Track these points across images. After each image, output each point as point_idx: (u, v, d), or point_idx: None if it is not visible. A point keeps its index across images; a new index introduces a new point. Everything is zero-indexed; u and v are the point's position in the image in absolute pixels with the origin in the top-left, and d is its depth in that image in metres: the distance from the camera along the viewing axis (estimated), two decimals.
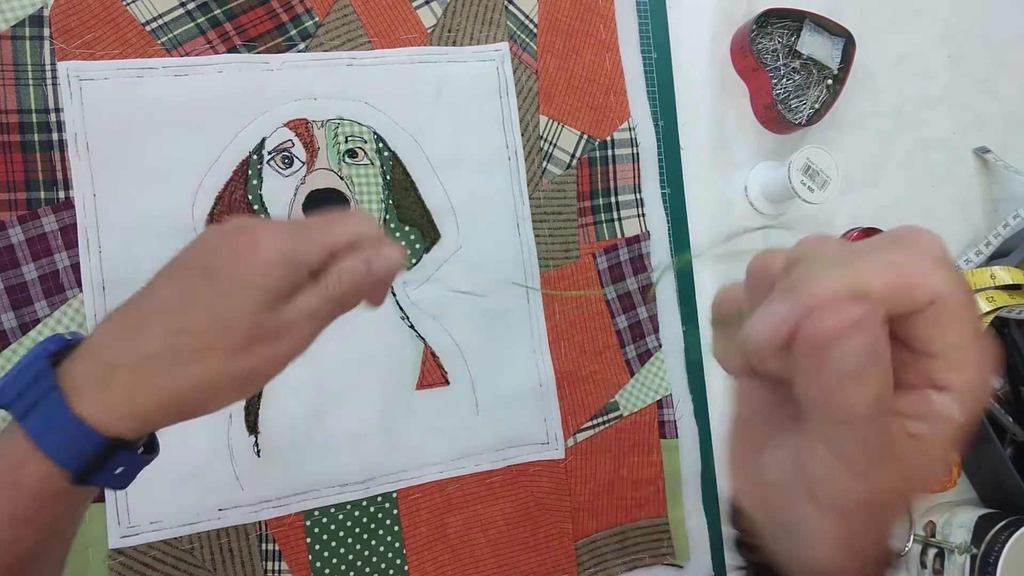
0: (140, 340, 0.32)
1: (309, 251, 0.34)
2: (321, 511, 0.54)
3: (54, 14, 0.51)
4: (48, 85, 0.50)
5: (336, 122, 0.56)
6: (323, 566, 0.53)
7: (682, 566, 0.61)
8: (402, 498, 0.55)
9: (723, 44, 0.67)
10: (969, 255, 0.71)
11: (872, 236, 0.25)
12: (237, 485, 0.52)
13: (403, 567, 0.55)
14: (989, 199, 0.75)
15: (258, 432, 0.53)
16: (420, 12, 0.59)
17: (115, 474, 0.33)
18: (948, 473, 0.67)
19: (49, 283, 0.50)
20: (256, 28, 0.55)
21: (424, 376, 0.57)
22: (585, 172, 0.62)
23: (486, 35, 0.60)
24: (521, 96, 0.61)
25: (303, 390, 0.54)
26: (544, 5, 0.61)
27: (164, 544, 0.50)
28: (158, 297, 0.33)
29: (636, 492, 0.61)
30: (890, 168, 0.72)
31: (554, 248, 0.60)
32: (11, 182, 0.50)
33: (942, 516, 0.68)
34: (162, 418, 0.33)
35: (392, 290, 0.56)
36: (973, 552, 0.63)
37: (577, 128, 0.62)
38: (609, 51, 0.63)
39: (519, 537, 0.58)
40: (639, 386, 0.62)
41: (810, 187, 0.62)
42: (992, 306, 0.63)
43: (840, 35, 0.67)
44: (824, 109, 0.67)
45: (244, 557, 0.52)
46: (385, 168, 0.56)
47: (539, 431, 0.59)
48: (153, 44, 0.53)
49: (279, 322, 0.33)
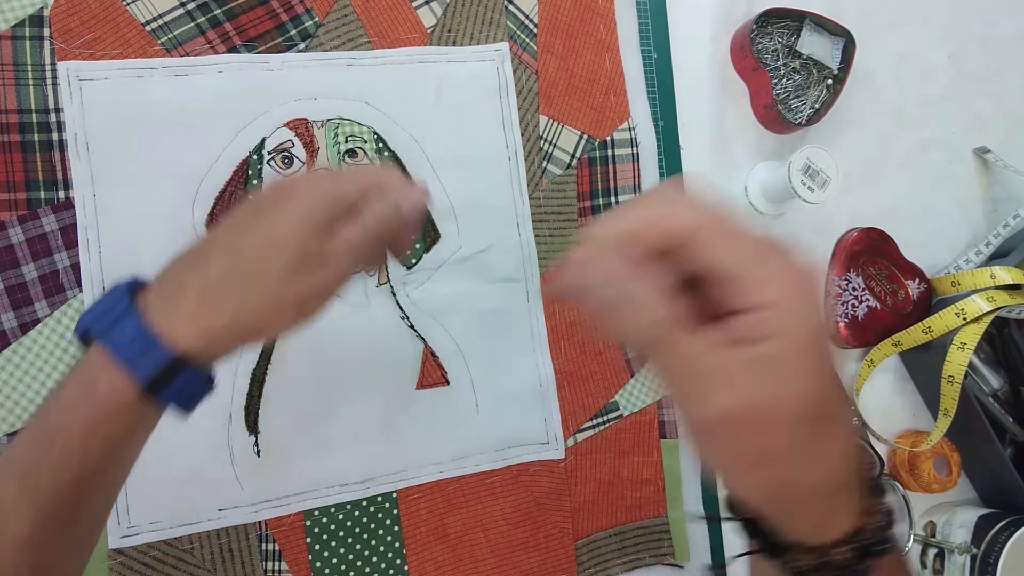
0: (204, 267, 0.35)
1: (345, 189, 0.38)
2: (321, 511, 0.54)
3: (54, 14, 0.51)
4: (48, 85, 0.50)
5: (336, 122, 0.56)
6: (323, 566, 0.53)
7: (682, 566, 0.61)
8: (402, 498, 0.55)
9: (723, 44, 0.67)
10: (969, 255, 0.71)
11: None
12: (237, 485, 0.52)
13: (403, 567, 0.55)
14: (989, 199, 0.75)
15: (258, 432, 0.53)
16: (420, 12, 0.59)
17: (180, 393, 0.35)
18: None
19: (49, 283, 0.50)
20: (256, 28, 0.55)
21: (424, 376, 0.57)
22: (585, 172, 0.62)
23: (486, 35, 0.60)
24: (521, 96, 0.61)
25: (303, 390, 0.54)
26: (544, 5, 0.62)
27: (164, 544, 0.50)
28: (216, 237, 0.37)
29: (636, 492, 0.61)
30: (890, 168, 0.72)
31: (554, 248, 0.61)
32: (11, 182, 0.50)
33: (942, 516, 0.68)
34: (227, 338, 0.36)
35: (392, 290, 0.56)
36: (973, 552, 0.63)
37: (577, 128, 0.62)
38: (609, 51, 0.63)
39: (519, 537, 0.58)
40: (639, 386, 0.62)
41: (810, 187, 0.62)
42: (992, 306, 0.63)
43: (840, 35, 0.67)
44: (824, 109, 0.67)
45: (244, 557, 0.52)
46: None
47: (539, 431, 0.59)
48: (153, 44, 0.53)
49: (324, 251, 0.36)
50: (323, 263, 0.37)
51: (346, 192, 0.38)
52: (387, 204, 0.39)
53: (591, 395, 0.61)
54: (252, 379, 0.53)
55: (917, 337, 0.66)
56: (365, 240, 0.38)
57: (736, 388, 0.27)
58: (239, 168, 0.53)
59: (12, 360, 0.49)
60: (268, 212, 0.37)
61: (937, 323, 0.65)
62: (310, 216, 0.36)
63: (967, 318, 0.64)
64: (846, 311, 0.68)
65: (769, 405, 0.28)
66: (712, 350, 0.28)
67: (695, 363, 0.28)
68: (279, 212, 0.37)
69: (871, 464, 0.31)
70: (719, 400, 0.28)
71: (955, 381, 0.63)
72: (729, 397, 0.28)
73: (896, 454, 0.69)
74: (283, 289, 0.36)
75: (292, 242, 0.36)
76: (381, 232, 0.39)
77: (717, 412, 0.28)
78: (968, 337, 0.63)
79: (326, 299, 0.38)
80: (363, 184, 0.39)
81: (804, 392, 0.28)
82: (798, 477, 0.29)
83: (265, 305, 0.36)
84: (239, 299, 0.35)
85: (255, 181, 0.54)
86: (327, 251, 0.37)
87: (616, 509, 0.60)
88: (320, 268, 0.37)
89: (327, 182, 0.38)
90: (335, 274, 0.37)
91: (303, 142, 0.55)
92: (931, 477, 0.66)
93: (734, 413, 0.28)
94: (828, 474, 0.30)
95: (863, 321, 0.68)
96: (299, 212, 0.36)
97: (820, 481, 0.30)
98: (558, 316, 0.60)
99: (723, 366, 0.28)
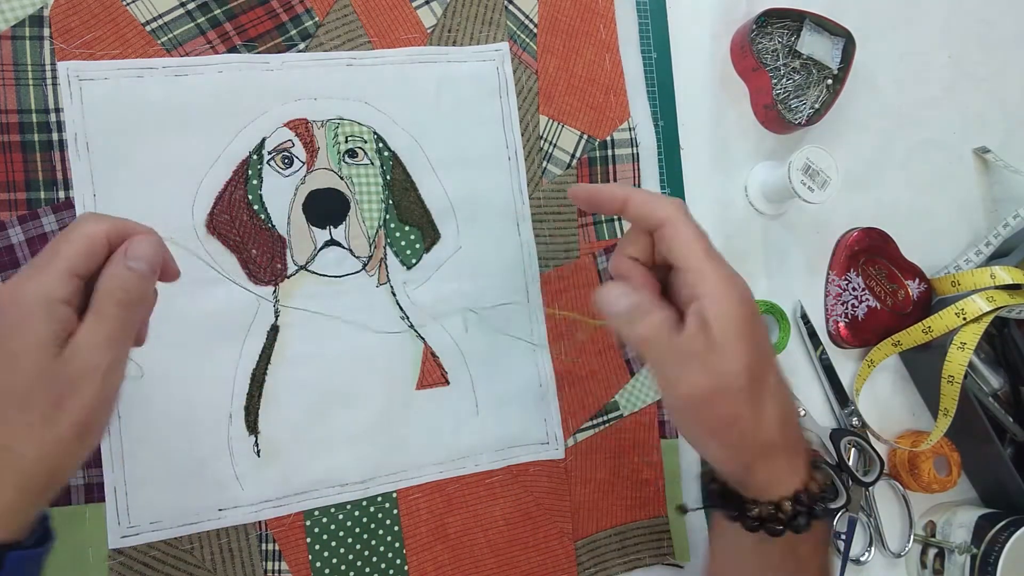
0: (6, 462, 0.32)
1: (50, 286, 0.33)
2: (321, 511, 0.54)
3: (54, 14, 0.51)
4: (48, 85, 0.50)
5: (336, 122, 0.56)
6: (323, 566, 0.53)
7: (682, 566, 0.61)
8: (402, 498, 0.56)
9: (723, 44, 0.68)
10: (969, 255, 0.71)
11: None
12: (237, 485, 0.52)
13: (403, 567, 0.55)
14: (989, 199, 0.75)
15: (258, 432, 0.53)
16: (420, 12, 0.59)
17: (15, 568, 0.33)
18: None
19: None
20: (256, 28, 0.55)
21: (424, 376, 0.57)
22: (585, 172, 0.62)
23: (486, 35, 0.60)
24: (521, 96, 0.61)
25: (303, 390, 0.54)
26: (544, 5, 0.62)
27: (164, 544, 0.50)
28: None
29: (636, 492, 0.61)
30: (890, 168, 0.72)
31: (554, 248, 0.61)
32: (11, 182, 0.50)
33: (942, 516, 0.68)
34: (26, 505, 0.33)
35: (392, 290, 0.56)
36: (973, 552, 0.63)
37: (577, 128, 0.62)
38: (609, 51, 0.63)
39: (519, 537, 0.58)
40: (639, 386, 0.62)
41: (810, 187, 0.62)
42: (992, 306, 0.63)
43: (840, 35, 0.67)
44: (824, 109, 0.67)
45: (244, 557, 0.52)
46: (385, 168, 0.56)
47: (539, 431, 0.59)
48: (153, 44, 0.53)
49: (72, 366, 0.33)
50: (82, 377, 0.33)
51: (51, 289, 0.33)
52: (113, 278, 0.34)
53: (591, 395, 0.61)
54: (252, 379, 0.53)
55: (917, 337, 0.66)
56: (115, 329, 0.34)
57: (700, 372, 0.38)
58: (239, 168, 0.54)
59: None
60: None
61: (937, 323, 0.65)
62: (25, 350, 0.32)
63: (967, 318, 0.64)
64: (846, 311, 0.68)
65: (720, 381, 0.37)
66: (685, 343, 0.38)
67: (676, 354, 0.38)
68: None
69: (815, 450, 0.42)
70: (692, 382, 0.38)
71: (955, 381, 0.63)
72: (700, 378, 0.38)
73: (896, 454, 0.69)
74: (55, 434, 0.33)
75: (34, 387, 0.32)
76: (128, 309, 0.35)
77: (688, 392, 0.38)
78: (968, 337, 0.63)
79: (111, 404, 0.35)
80: (66, 268, 0.34)
81: (745, 364, 0.37)
82: (755, 432, 0.39)
83: (47, 457, 0.33)
84: (17, 466, 0.33)
85: (255, 181, 0.54)
86: (75, 363, 0.33)
87: (616, 509, 0.60)
88: (81, 385, 0.33)
89: (20, 285, 0.33)
90: (99, 383, 0.33)
91: (303, 142, 0.55)
92: (931, 477, 0.66)
93: (702, 390, 0.38)
94: (772, 435, 0.40)
95: (863, 321, 0.68)
96: (13, 350, 0.32)
97: (767, 440, 0.39)
98: (558, 316, 0.60)
99: (691, 354, 0.38)
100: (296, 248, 0.54)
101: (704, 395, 0.38)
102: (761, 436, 0.39)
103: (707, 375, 0.37)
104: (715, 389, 0.37)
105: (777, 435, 0.40)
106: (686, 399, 0.38)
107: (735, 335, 0.37)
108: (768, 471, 0.40)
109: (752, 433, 0.39)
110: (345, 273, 0.55)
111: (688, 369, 0.38)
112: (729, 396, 0.38)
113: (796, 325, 0.67)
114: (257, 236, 0.54)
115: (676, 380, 0.38)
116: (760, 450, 0.40)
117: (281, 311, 0.54)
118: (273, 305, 0.54)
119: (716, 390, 0.37)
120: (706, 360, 0.37)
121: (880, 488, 0.68)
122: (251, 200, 0.54)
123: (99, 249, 0.35)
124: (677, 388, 0.38)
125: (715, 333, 0.37)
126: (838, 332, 0.68)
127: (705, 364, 0.37)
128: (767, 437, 0.39)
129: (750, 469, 0.40)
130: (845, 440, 0.66)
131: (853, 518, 0.66)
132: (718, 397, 0.38)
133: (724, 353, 0.37)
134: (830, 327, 0.68)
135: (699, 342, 0.37)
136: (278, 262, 0.54)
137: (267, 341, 0.53)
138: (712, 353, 0.37)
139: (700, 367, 0.37)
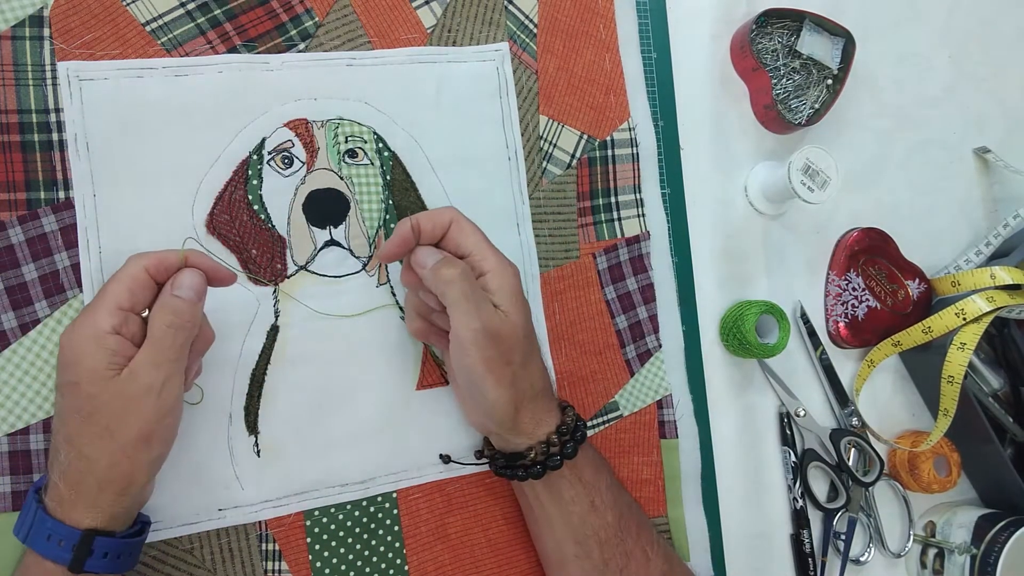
0: (86, 466, 0.40)
1: (97, 320, 0.40)
2: (321, 511, 0.54)
3: (54, 14, 0.51)
4: (48, 85, 0.50)
5: (336, 122, 0.56)
6: (323, 566, 0.53)
7: None
8: (402, 498, 0.56)
9: (723, 44, 0.68)
10: (969, 255, 0.71)
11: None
12: (237, 485, 0.52)
13: (403, 567, 0.55)
14: (989, 199, 0.75)
15: (258, 432, 0.53)
16: (420, 12, 0.59)
17: (105, 559, 0.41)
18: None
19: (49, 283, 0.50)
20: (256, 28, 0.55)
21: (424, 376, 0.57)
22: (585, 172, 0.62)
23: (486, 35, 0.60)
24: (521, 96, 0.61)
25: (303, 390, 0.54)
26: (544, 5, 0.62)
27: (164, 544, 0.50)
28: (77, 433, 0.41)
29: (636, 492, 0.61)
30: (890, 168, 0.72)
31: (554, 248, 0.61)
32: (11, 182, 0.50)
33: (942, 516, 0.68)
34: (109, 502, 0.41)
35: (392, 290, 0.56)
36: (973, 552, 0.64)
37: (577, 128, 0.62)
38: (609, 51, 0.63)
39: (519, 537, 0.58)
40: (639, 386, 0.62)
41: (810, 187, 0.62)
42: (992, 306, 0.63)
43: (840, 35, 0.67)
44: (824, 109, 0.67)
45: (244, 557, 0.52)
46: (385, 168, 0.57)
47: None
48: (153, 44, 0.53)
49: (131, 386, 0.40)
50: (131, 403, 0.40)
51: (100, 326, 0.40)
52: (165, 308, 0.42)
53: (591, 395, 0.61)
54: (252, 379, 0.53)
55: (917, 337, 0.66)
56: (171, 354, 0.41)
57: (493, 313, 0.47)
58: (239, 168, 0.54)
59: (12, 360, 0.48)
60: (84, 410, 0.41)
61: (937, 323, 0.65)
62: (88, 368, 0.40)
63: (967, 318, 0.64)
64: (846, 311, 0.68)
65: (503, 327, 0.47)
66: (480, 292, 0.47)
67: (477, 292, 0.47)
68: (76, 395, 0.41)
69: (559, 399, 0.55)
70: (486, 317, 0.46)
71: (955, 381, 0.63)
72: (493, 317, 0.47)
73: (896, 454, 0.69)
74: (112, 453, 0.40)
75: (91, 408, 0.40)
76: (177, 335, 0.41)
77: (482, 325, 0.46)
78: (968, 337, 0.63)
79: (167, 423, 0.42)
80: (115, 304, 0.41)
81: (521, 322, 0.48)
82: (524, 377, 0.48)
83: (109, 471, 0.41)
84: (111, 475, 0.41)
85: (255, 181, 0.54)
86: (129, 388, 0.40)
87: None
88: (131, 410, 0.40)
89: (80, 322, 0.41)
90: (150, 406, 0.41)
91: (303, 142, 0.55)
92: (931, 477, 0.66)
93: (494, 326, 0.46)
94: (536, 381, 0.50)
95: (863, 321, 0.68)
96: (77, 373, 0.40)
97: (533, 385, 0.49)
98: (558, 316, 0.60)
99: (485, 298, 0.47)
100: (296, 248, 0.54)
101: (494, 330, 0.46)
102: (528, 380, 0.49)
103: (497, 317, 0.47)
104: (501, 328, 0.46)
105: (539, 382, 0.50)
106: (477, 332, 0.46)
107: (513, 299, 0.48)
108: (533, 412, 0.49)
109: (522, 376, 0.48)
110: (345, 273, 0.55)
111: (485, 307, 0.46)
112: (511, 340, 0.47)
113: (796, 325, 0.67)
114: (257, 236, 0.54)
115: (476, 311, 0.46)
116: (528, 392, 0.49)
117: (281, 311, 0.54)
118: (273, 305, 0.54)
119: (502, 329, 0.47)
120: (495, 311, 0.47)
121: (880, 488, 0.68)
122: (251, 200, 0.54)
123: (142, 281, 0.42)
124: (475, 320, 0.45)
125: (498, 298, 0.48)
126: (838, 332, 0.68)
127: (496, 312, 0.47)
128: (533, 382, 0.49)
129: (519, 411, 0.48)
130: (845, 440, 0.66)
131: (853, 518, 0.66)
132: (503, 336, 0.47)
133: (507, 311, 0.47)
134: (830, 327, 0.68)
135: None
136: (278, 262, 0.54)
137: (267, 341, 0.53)
138: (498, 310, 0.47)
139: (493, 309, 0.47)
